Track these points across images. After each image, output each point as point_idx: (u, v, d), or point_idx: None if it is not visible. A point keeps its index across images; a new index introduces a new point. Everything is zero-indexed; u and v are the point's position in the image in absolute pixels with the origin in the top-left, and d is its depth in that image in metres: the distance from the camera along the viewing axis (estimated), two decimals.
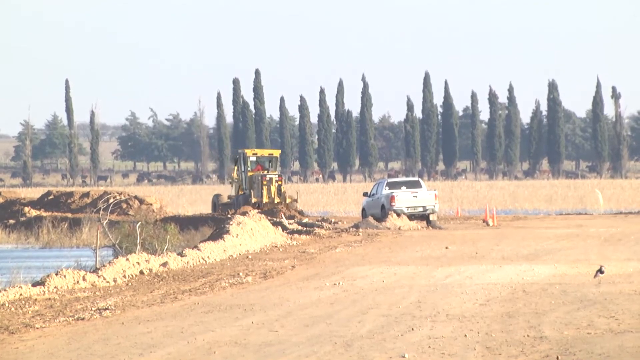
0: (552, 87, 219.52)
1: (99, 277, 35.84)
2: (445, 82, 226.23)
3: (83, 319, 27.70)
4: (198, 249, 47.44)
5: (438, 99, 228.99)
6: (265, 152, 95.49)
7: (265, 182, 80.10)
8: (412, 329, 24.60)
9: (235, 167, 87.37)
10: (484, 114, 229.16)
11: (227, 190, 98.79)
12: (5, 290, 31.56)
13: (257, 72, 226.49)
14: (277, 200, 79.07)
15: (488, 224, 73.70)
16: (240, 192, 79.01)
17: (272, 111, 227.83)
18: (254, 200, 77.52)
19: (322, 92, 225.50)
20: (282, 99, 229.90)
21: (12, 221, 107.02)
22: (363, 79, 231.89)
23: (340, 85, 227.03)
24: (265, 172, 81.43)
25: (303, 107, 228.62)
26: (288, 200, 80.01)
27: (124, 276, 37.03)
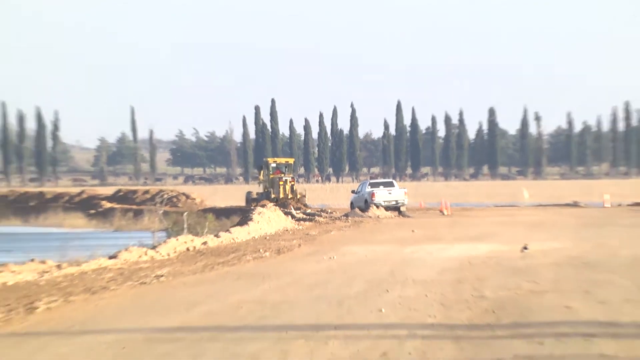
0: (491, 112, 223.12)
1: (156, 252, 36.85)
2: (413, 109, 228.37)
3: (145, 283, 28.50)
4: (229, 232, 47.85)
5: (407, 121, 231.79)
6: (282, 160, 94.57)
7: (281, 183, 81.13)
8: (387, 291, 25.40)
9: (261, 172, 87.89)
10: (441, 132, 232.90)
11: (251, 188, 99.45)
12: (87, 261, 32.78)
13: (272, 101, 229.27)
14: (290, 196, 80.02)
15: (443, 214, 75.36)
16: (264, 190, 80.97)
17: (283, 129, 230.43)
18: (273, 196, 78.70)
19: (320, 115, 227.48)
20: (291, 121, 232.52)
21: (92, 211, 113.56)
22: (351, 105, 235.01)
23: (335, 110, 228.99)
24: (282, 175, 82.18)
25: (307, 127, 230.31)
26: (298, 196, 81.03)
27: (175, 252, 37.94)
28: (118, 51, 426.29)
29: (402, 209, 77.02)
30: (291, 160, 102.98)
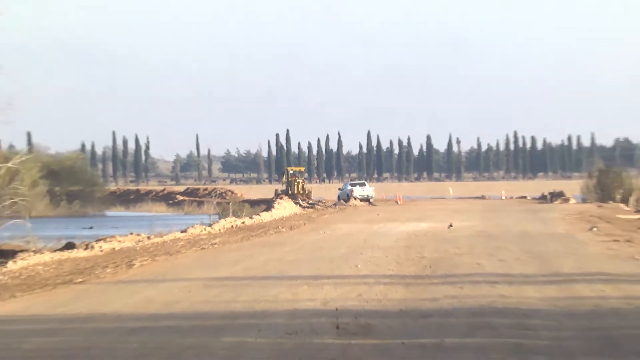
0: (428, 137, 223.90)
1: (212, 228, 36.65)
2: (378, 135, 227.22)
3: (204, 248, 28.64)
4: (259, 215, 47.84)
5: (375, 143, 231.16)
6: (296, 168, 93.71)
7: (296, 183, 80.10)
8: (361, 254, 25.16)
9: (284, 176, 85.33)
10: (396, 150, 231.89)
11: (275, 187, 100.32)
12: (167, 234, 32.87)
13: (287, 131, 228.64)
14: (301, 192, 78.67)
15: (397, 203, 73.81)
16: (285, 188, 79.95)
17: (294, 148, 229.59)
18: (290, 192, 77.24)
19: (319, 140, 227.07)
20: (299, 143, 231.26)
21: (170, 202, 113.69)
22: (338, 133, 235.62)
23: (327, 136, 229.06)
24: (296, 178, 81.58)
25: (310, 147, 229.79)
26: (306, 192, 79.90)
27: (223, 228, 37.65)
28: (186, 87, 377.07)
29: (371, 200, 76.43)
30: (302, 169, 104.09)
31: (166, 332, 12.48)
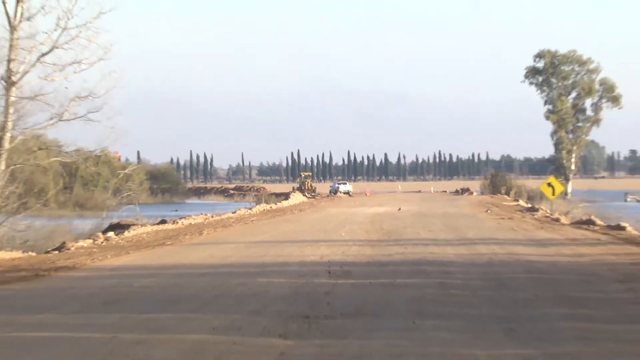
0: (386, 155, 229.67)
1: (251, 211, 35.87)
2: (354, 153, 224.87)
3: (247, 223, 27.88)
4: (280, 203, 46.88)
5: (352, 157, 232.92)
6: (307, 172, 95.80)
7: (306, 182, 77.77)
8: (344, 227, 24.69)
9: (298, 178, 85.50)
10: (365, 162, 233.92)
11: (293, 185, 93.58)
12: (223, 214, 31.87)
13: (299, 151, 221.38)
14: (309, 188, 74.74)
15: (366, 195, 72.45)
16: (299, 185, 76.87)
17: (302, 160, 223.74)
18: (302, 188, 73.45)
19: (317, 156, 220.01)
20: (306, 158, 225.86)
21: (226, 194, 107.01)
22: (330, 152, 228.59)
23: (323, 154, 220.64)
24: (306, 179, 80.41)
25: (312, 159, 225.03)
26: (312, 188, 76.10)
27: (259, 211, 36.76)
28: (237, 120, 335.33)
29: (350, 193, 75.01)
30: (309, 173, 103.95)
31: (223, 275, 12.52)
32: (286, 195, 63.84)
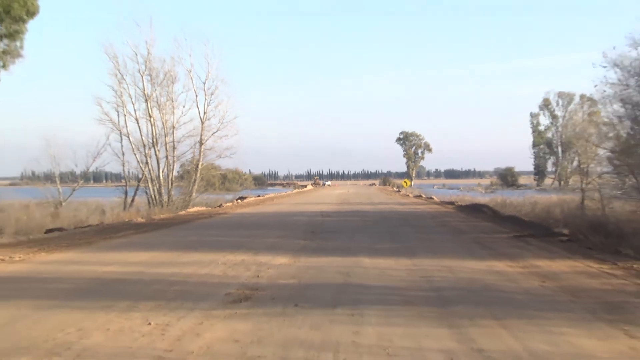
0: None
1: (292, 191, 31.57)
2: (332, 168, 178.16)
3: (290, 196, 23.15)
4: (304, 188, 42.24)
5: (334, 170, 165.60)
6: (316, 177, 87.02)
7: (315, 180, 70.22)
8: (327, 197, 21.77)
9: (313, 179, 76.03)
10: (340, 172, 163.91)
11: (308, 182, 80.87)
12: (281, 193, 28.01)
13: (310, 168, 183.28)
14: (317, 183, 64.40)
15: (336, 186, 59.63)
16: (313, 182, 66.11)
17: (314, 172, 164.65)
18: (313, 183, 63.25)
19: (317, 170, 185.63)
20: (310, 169, 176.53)
21: (281, 186, 66.64)
22: (321, 170, 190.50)
23: (321, 170, 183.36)
24: (316, 179, 74.27)
25: (316, 171, 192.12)
26: (320, 183, 64.97)
27: (295, 192, 30.54)
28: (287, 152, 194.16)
29: (330, 185, 65.26)
30: (317, 177, 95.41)
31: (280, 215, 11.61)
32: (306, 186, 60.19)
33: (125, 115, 13.35)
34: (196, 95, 14.65)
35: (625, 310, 2.76)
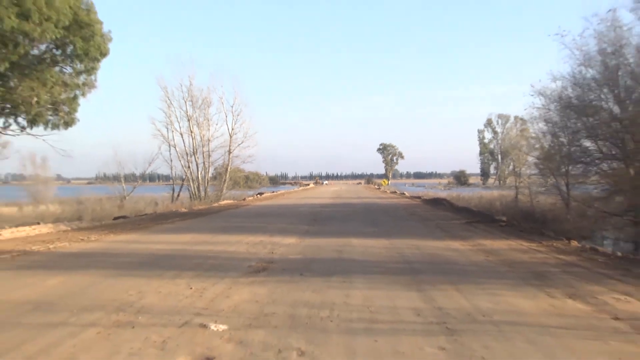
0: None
1: (298, 189, 27.62)
2: (326, 171, 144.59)
3: (297, 192, 21.09)
4: (307, 187, 38.88)
5: (330, 172, 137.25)
6: (317, 177, 77.78)
7: (316, 179, 65.30)
8: (325, 193, 20.50)
9: (315, 179, 69.78)
10: (333, 174, 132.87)
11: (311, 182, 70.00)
12: (289, 190, 26.48)
13: (312, 171, 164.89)
14: (317, 182, 59.75)
15: (331, 184, 56.07)
16: (315, 182, 60.30)
17: (316, 173, 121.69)
18: (315, 182, 58.32)
19: (317, 173, 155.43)
20: (312, 172, 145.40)
21: (291, 184, 52.81)
22: (319, 172, 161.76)
23: (320, 172, 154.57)
24: (317, 178, 68.93)
25: (318, 174, 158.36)
26: (320, 182, 60.00)
27: (300, 189, 27.16)
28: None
29: (326, 184, 61.38)
30: (317, 178, 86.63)
31: (289, 207, 10.80)
32: (309, 184, 56.35)
33: (172, 131, 13.89)
34: (226, 116, 15.01)
35: (547, 278, 2.83)
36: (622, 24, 4.41)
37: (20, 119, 5.83)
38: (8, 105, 5.52)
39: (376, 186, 40.17)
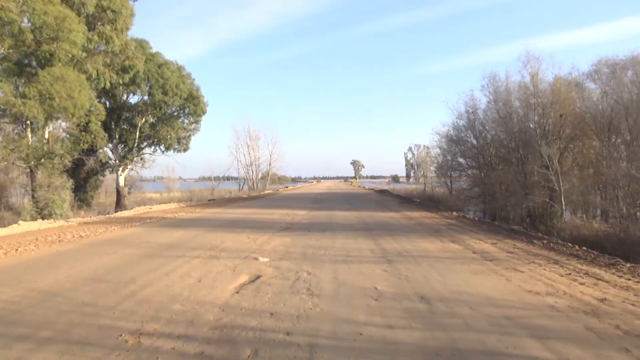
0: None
1: (306, 185, 26.70)
2: (322, 174, 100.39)
3: (304, 186, 21.59)
4: (313, 183, 35.32)
5: (326, 174, 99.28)
6: (318, 178, 67.44)
7: (318, 180, 58.53)
8: (320, 187, 21.40)
9: (315, 179, 63.07)
10: (328, 176, 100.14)
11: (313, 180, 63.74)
12: (300, 185, 25.43)
13: (315, 174, 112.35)
14: (318, 181, 52.35)
15: (324, 182, 48.23)
16: (316, 181, 54.01)
17: (319, 175, 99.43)
18: (315, 182, 49.50)
19: (318, 175, 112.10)
20: (313, 175, 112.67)
21: (300, 182, 49.03)
22: (319, 176, 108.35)
23: (321, 176, 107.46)
24: (318, 179, 63.78)
25: (317, 175, 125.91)
26: (319, 181, 53.88)
27: (307, 184, 27.38)
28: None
29: (321, 181, 55.52)
30: (318, 178, 71.99)
31: (302, 194, 11.95)
32: (313, 182, 50.03)
33: (239, 152, 18.19)
34: (267, 145, 20.49)
35: (439, 232, 3.99)
36: (475, 97, 8.72)
37: (161, 147, 9.67)
38: (155, 140, 9.43)
39: (350, 183, 41.59)
